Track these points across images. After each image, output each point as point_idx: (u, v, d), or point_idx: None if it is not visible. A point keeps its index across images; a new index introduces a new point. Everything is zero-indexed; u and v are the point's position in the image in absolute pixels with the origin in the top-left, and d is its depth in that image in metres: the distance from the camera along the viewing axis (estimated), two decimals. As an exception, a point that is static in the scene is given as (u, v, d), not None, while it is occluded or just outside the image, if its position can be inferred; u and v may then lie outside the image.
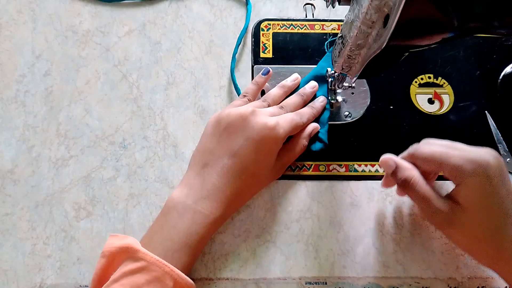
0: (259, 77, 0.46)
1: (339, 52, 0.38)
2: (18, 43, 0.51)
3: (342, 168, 0.46)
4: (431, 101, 0.48)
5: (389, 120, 0.48)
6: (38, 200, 0.45)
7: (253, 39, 0.51)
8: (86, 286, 0.42)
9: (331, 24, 0.51)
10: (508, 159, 0.45)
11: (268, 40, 0.51)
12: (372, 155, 0.46)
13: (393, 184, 0.41)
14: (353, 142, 0.47)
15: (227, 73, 0.50)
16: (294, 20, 0.51)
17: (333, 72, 0.45)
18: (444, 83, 0.49)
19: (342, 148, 0.47)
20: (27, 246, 0.43)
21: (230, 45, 0.51)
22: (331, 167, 0.46)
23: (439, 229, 0.40)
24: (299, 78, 0.47)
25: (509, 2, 0.27)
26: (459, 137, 0.46)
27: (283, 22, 0.51)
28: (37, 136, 0.47)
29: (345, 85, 0.45)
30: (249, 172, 0.40)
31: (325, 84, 0.47)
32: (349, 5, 0.35)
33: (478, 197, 0.35)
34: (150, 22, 0.52)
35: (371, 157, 0.46)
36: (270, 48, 0.50)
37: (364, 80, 0.48)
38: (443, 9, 0.27)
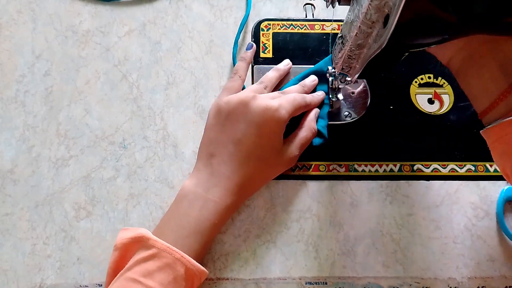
0: (244, 53, 0.47)
1: (339, 52, 0.38)
2: (18, 43, 0.50)
3: (342, 168, 0.46)
4: (431, 101, 0.48)
5: (389, 120, 0.48)
6: (38, 200, 0.45)
7: (253, 39, 0.51)
8: (86, 286, 0.42)
9: (331, 24, 0.51)
10: (508, 159, 0.45)
11: (268, 40, 0.51)
12: (372, 155, 0.46)
13: None
14: (353, 142, 0.47)
15: (227, 73, 0.50)
16: (294, 20, 0.51)
17: (334, 70, 0.45)
18: (444, 83, 0.49)
19: (342, 148, 0.47)
20: (27, 246, 0.43)
21: (230, 45, 0.51)
22: (331, 167, 0.46)
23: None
24: (291, 63, 0.48)
25: (509, 2, 0.27)
26: (459, 137, 0.47)
27: (283, 22, 0.51)
28: (37, 136, 0.47)
29: (348, 79, 0.45)
30: (255, 156, 0.40)
31: (325, 84, 0.47)
32: (349, 5, 0.35)
33: None
34: (150, 22, 0.52)
35: (371, 157, 0.46)
36: (270, 48, 0.50)
37: (364, 80, 0.48)
38: (443, 9, 0.27)
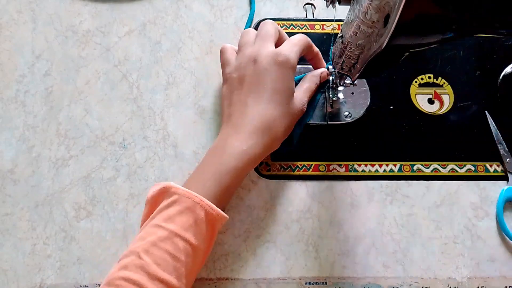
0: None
1: (339, 52, 0.38)
2: (18, 43, 0.50)
3: (342, 168, 0.46)
4: (431, 101, 0.48)
5: (389, 120, 0.48)
6: (38, 200, 0.45)
7: (253, 39, 0.51)
8: (86, 286, 0.42)
9: (331, 24, 0.51)
10: (508, 159, 0.45)
11: (268, 40, 0.50)
12: (372, 155, 0.46)
13: None
14: (353, 142, 0.47)
15: (227, 73, 0.50)
16: (294, 20, 0.51)
17: (334, 70, 0.45)
18: (444, 83, 0.49)
19: (342, 148, 0.47)
20: (27, 246, 0.43)
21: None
22: (331, 167, 0.46)
23: None
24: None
25: (509, 2, 0.27)
26: (459, 137, 0.47)
27: (283, 22, 0.51)
28: (37, 136, 0.47)
29: (347, 82, 0.45)
30: (274, 100, 0.41)
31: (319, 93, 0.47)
32: (349, 5, 0.35)
33: None
34: (150, 22, 0.52)
35: (371, 157, 0.46)
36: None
37: (364, 80, 0.48)
38: (443, 9, 0.27)
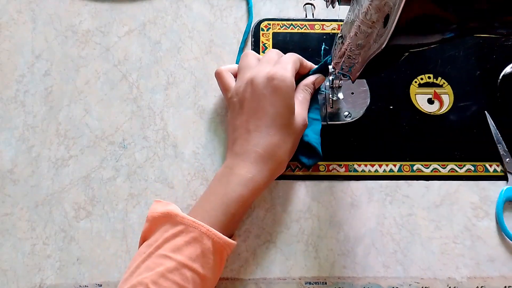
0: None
1: (339, 52, 0.38)
2: (18, 43, 0.50)
3: (342, 168, 0.46)
4: (431, 101, 0.48)
5: (389, 120, 0.48)
6: (37, 200, 0.44)
7: (253, 39, 0.51)
8: (86, 286, 0.42)
9: (331, 24, 0.51)
10: (507, 159, 0.45)
11: (268, 40, 0.51)
12: (372, 155, 0.46)
13: None
14: (353, 142, 0.47)
15: (227, 73, 0.50)
16: (294, 20, 0.51)
17: (334, 70, 0.45)
18: (444, 83, 0.49)
19: (342, 148, 0.47)
20: (27, 246, 0.43)
21: (230, 45, 0.51)
22: (331, 167, 0.46)
23: None
24: None
25: (509, 2, 0.27)
26: (459, 137, 0.47)
27: (283, 22, 0.51)
28: (36, 136, 0.47)
29: (344, 78, 0.45)
30: (276, 125, 0.40)
31: (316, 98, 0.47)
32: (349, 5, 0.35)
33: None
34: (150, 22, 0.52)
35: (371, 157, 0.46)
36: (270, 48, 0.50)
37: (364, 80, 0.48)
38: (443, 9, 0.27)
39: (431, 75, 0.49)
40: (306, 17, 0.51)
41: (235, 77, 0.45)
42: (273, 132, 0.40)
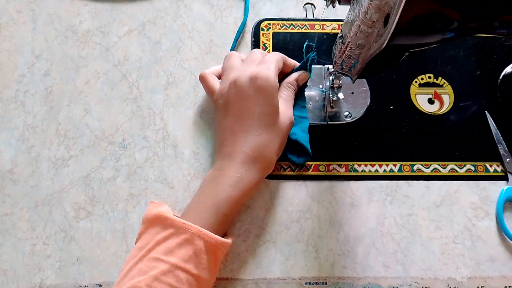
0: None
1: (339, 52, 0.38)
2: (18, 43, 0.50)
3: (342, 168, 0.46)
4: (431, 101, 0.48)
5: (389, 120, 0.48)
6: (37, 200, 0.44)
7: (253, 39, 0.51)
8: (86, 286, 0.42)
9: (331, 24, 0.51)
10: (508, 159, 0.45)
11: (268, 40, 0.51)
12: (372, 155, 0.46)
13: None
14: (353, 142, 0.47)
15: (227, 73, 0.50)
16: (294, 20, 0.51)
17: (334, 70, 0.45)
18: (444, 83, 0.49)
19: (342, 148, 0.46)
20: (27, 246, 0.43)
21: (230, 45, 0.51)
22: (331, 167, 0.46)
23: None
24: None
25: (509, 2, 0.27)
26: (459, 137, 0.47)
27: (283, 22, 0.51)
28: (36, 136, 0.47)
29: (342, 76, 0.45)
30: (262, 125, 0.40)
31: (303, 91, 0.47)
32: (349, 5, 0.35)
33: None
34: (150, 22, 0.52)
35: (371, 157, 0.46)
36: (270, 48, 0.50)
37: (364, 80, 0.48)
38: (443, 9, 0.27)
39: (432, 75, 0.49)
40: (306, 17, 0.51)
41: (220, 79, 0.45)
42: (259, 132, 0.40)
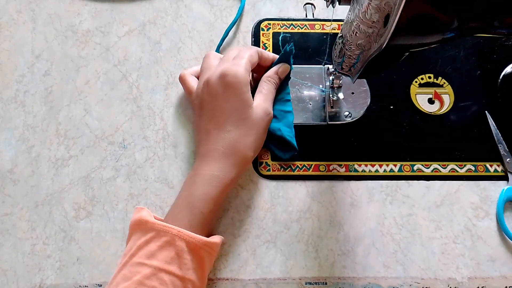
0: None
1: (339, 51, 0.38)
2: (18, 43, 0.50)
3: (342, 168, 0.46)
4: (431, 101, 0.48)
5: (389, 120, 0.48)
6: (37, 200, 0.44)
7: (253, 39, 0.51)
8: (86, 286, 0.42)
9: (331, 24, 0.51)
10: (508, 159, 0.45)
11: (268, 40, 0.51)
12: (372, 155, 0.46)
13: None
14: (353, 142, 0.47)
15: (227, 73, 0.50)
16: (294, 20, 0.51)
17: (333, 70, 0.45)
18: (444, 83, 0.49)
19: (342, 148, 0.46)
20: (27, 246, 0.43)
21: (229, 44, 0.51)
22: (331, 167, 0.46)
23: None
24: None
25: (509, 2, 0.27)
26: (460, 137, 0.47)
27: (283, 22, 0.51)
28: (36, 136, 0.47)
29: (342, 76, 0.45)
30: (232, 121, 0.41)
31: (287, 82, 0.46)
32: (349, 5, 0.35)
33: None
34: (150, 22, 0.52)
35: (371, 157, 0.46)
36: (270, 48, 0.50)
37: (364, 80, 0.48)
38: (443, 9, 0.27)
39: (432, 75, 0.49)
40: (306, 17, 0.51)
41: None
42: (230, 128, 0.41)
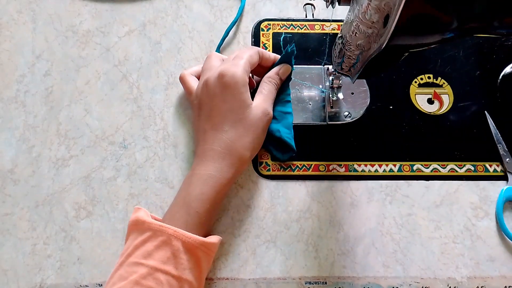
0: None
1: (339, 52, 0.38)
2: (18, 43, 0.51)
3: (342, 168, 0.46)
4: (431, 101, 0.48)
5: (389, 120, 0.48)
6: (38, 200, 0.45)
7: (253, 39, 0.51)
8: (86, 286, 0.42)
9: (331, 24, 0.51)
10: (507, 159, 0.45)
11: (268, 40, 0.51)
12: (371, 155, 0.46)
13: None
14: (353, 142, 0.47)
15: (227, 73, 0.50)
16: (294, 20, 0.52)
17: (333, 70, 0.45)
18: (444, 83, 0.49)
19: (342, 148, 0.47)
20: (27, 246, 0.43)
21: (230, 45, 0.51)
22: (331, 167, 0.46)
23: None
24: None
25: (509, 2, 0.27)
26: (459, 137, 0.47)
27: (283, 22, 0.51)
28: (37, 136, 0.47)
29: (342, 77, 0.45)
30: (229, 121, 0.41)
31: (288, 84, 0.46)
32: (348, 5, 0.35)
33: None
34: (150, 22, 0.52)
35: (371, 157, 0.46)
36: (270, 48, 0.50)
37: (364, 80, 0.48)
38: (443, 9, 0.27)
39: (431, 75, 0.49)
40: (306, 17, 0.52)
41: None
42: (227, 128, 0.41)
